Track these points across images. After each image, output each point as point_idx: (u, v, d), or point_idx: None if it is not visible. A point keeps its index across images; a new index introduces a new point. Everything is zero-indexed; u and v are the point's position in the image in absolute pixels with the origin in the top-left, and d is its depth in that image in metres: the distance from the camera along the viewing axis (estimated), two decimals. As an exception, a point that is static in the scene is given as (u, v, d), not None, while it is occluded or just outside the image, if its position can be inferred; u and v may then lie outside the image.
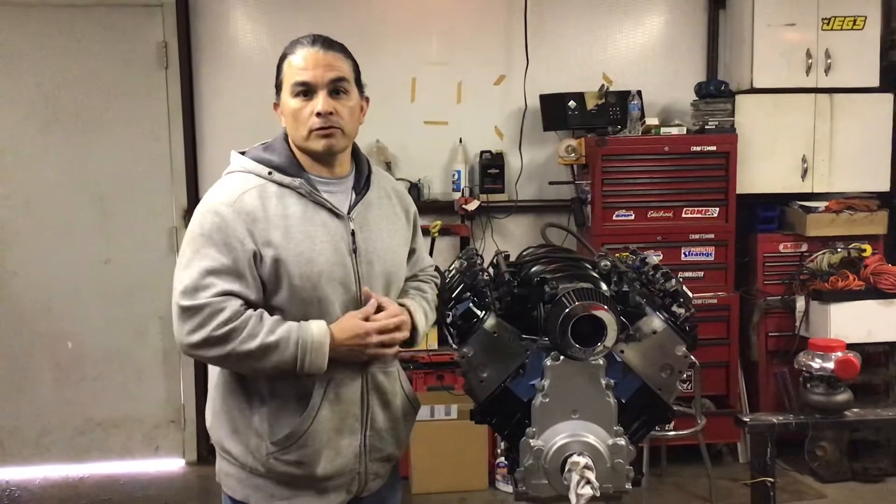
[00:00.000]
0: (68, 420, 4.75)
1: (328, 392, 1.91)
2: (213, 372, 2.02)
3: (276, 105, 1.99)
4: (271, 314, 1.86)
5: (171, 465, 4.82)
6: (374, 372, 2.00)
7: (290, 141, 1.98)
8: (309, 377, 1.88)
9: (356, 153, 2.06)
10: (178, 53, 4.62)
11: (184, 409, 4.84)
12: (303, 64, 1.89)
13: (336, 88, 1.91)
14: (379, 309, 1.93)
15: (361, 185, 2.03)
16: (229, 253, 1.83)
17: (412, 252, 2.19)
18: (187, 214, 4.70)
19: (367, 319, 1.90)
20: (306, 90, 1.89)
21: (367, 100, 2.04)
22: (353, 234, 1.95)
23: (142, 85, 4.65)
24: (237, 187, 1.89)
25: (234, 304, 1.81)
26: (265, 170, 1.92)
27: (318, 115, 1.88)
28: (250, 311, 1.82)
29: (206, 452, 4.82)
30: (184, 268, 1.84)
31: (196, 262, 1.83)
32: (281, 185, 1.91)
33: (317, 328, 1.84)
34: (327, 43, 1.93)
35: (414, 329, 2.02)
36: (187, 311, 1.80)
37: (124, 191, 4.69)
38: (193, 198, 4.71)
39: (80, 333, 4.73)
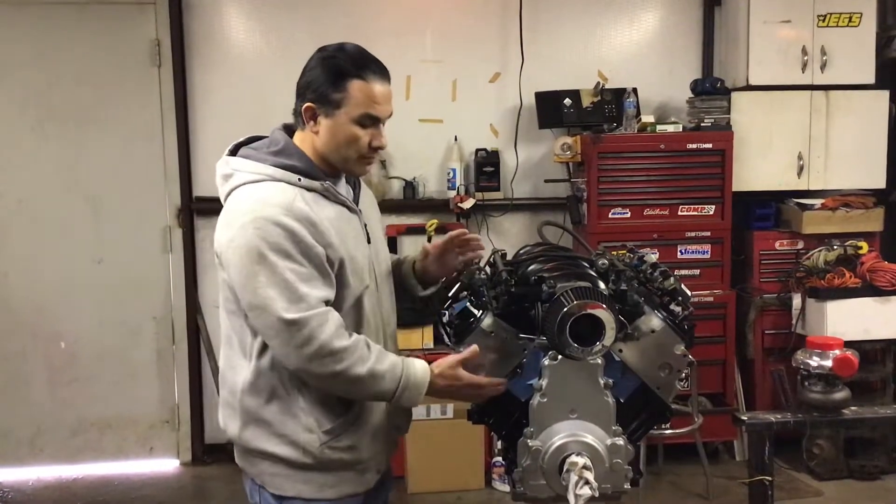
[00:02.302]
0: (62, 421, 4.72)
1: None
2: (236, 384, 1.96)
3: (314, 110, 1.92)
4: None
5: (166, 465, 4.80)
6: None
7: (315, 148, 1.96)
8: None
9: None
10: (171, 51, 4.59)
11: (178, 410, 4.81)
12: (379, 99, 1.91)
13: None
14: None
15: (354, 182, 2.09)
16: (305, 259, 1.83)
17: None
18: (181, 213, 4.68)
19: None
20: (372, 122, 1.93)
21: None
22: (365, 227, 2.03)
23: (135, 83, 4.63)
24: (283, 196, 1.87)
25: (335, 316, 1.84)
26: (294, 177, 1.91)
27: (378, 148, 1.96)
28: (356, 336, 1.86)
29: (200, 453, 4.80)
30: (267, 286, 1.80)
31: (279, 276, 1.80)
32: (310, 189, 1.92)
33: (420, 368, 1.89)
34: (388, 75, 1.95)
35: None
36: (294, 325, 1.79)
37: (117, 190, 4.67)
38: (187, 196, 4.68)
39: (73, 333, 4.70)
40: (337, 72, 1.90)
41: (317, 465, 1.94)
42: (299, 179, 1.90)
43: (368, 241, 2.02)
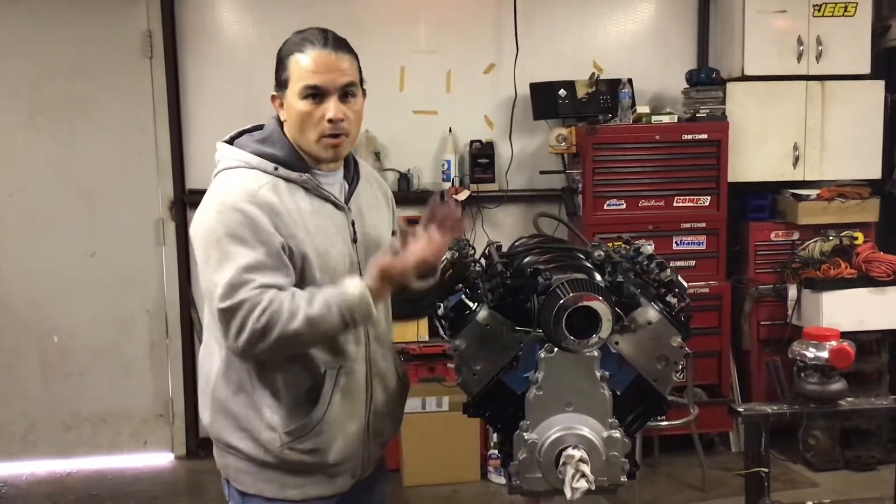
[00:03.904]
0: (55, 415, 4.70)
1: (339, 379, 1.92)
2: (210, 371, 1.97)
3: (275, 97, 1.95)
4: None
5: (160, 459, 4.78)
6: (376, 358, 2.02)
7: (288, 135, 1.95)
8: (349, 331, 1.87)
9: None
10: (163, 43, 4.56)
11: (172, 403, 4.79)
12: (314, 67, 1.87)
13: (345, 92, 1.90)
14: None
15: (351, 176, 2.04)
16: (261, 247, 1.80)
17: (393, 234, 2.19)
18: (174, 206, 4.66)
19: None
20: (316, 94, 1.87)
21: (365, 95, 2.02)
22: (352, 224, 1.97)
23: (126, 75, 4.59)
24: (251, 183, 1.86)
25: (271, 293, 1.77)
26: (270, 165, 1.89)
27: (330, 121, 1.87)
28: (281, 294, 1.78)
29: (194, 447, 4.79)
30: (216, 271, 1.79)
31: (228, 263, 1.78)
32: (287, 180, 1.89)
33: (353, 287, 1.81)
34: (337, 43, 1.91)
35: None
36: (228, 313, 1.77)
37: (110, 182, 4.64)
38: (180, 189, 4.66)
39: (66, 328, 4.68)
40: (283, 54, 1.92)
41: (279, 464, 1.91)
42: (276, 168, 1.89)
43: (354, 241, 1.96)
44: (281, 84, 1.92)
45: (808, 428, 4.33)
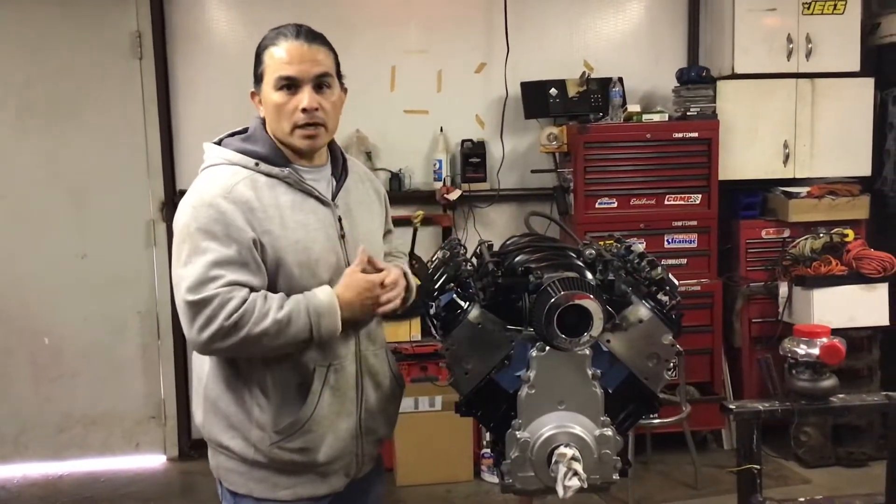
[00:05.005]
0: (47, 417, 4.68)
1: (328, 377, 1.92)
2: (202, 370, 1.97)
3: (254, 94, 1.97)
4: None
5: (152, 461, 4.76)
6: (367, 355, 2.01)
7: (269, 131, 1.96)
8: (321, 347, 1.89)
9: (330, 141, 2.05)
10: (152, 43, 4.54)
11: (164, 405, 4.77)
12: (287, 58, 1.88)
13: (320, 83, 1.90)
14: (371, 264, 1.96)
15: (340, 172, 2.05)
16: (231, 244, 1.81)
17: (388, 233, 2.23)
18: (164, 207, 4.64)
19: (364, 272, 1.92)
20: (290, 84, 1.88)
21: (346, 90, 2.03)
22: (339, 220, 1.96)
23: (116, 76, 4.57)
24: (228, 179, 1.87)
25: (242, 293, 1.79)
26: (251, 161, 1.90)
27: (304, 111, 1.88)
28: (255, 294, 1.80)
29: (187, 448, 4.77)
30: (185, 265, 1.81)
31: (198, 258, 1.80)
32: (269, 175, 1.90)
33: (323, 293, 1.85)
34: (311, 35, 1.91)
35: (408, 289, 2.05)
36: (196, 306, 1.78)
37: (100, 184, 4.62)
38: (171, 190, 4.64)
39: (57, 329, 4.66)
40: (259, 49, 1.94)
41: (269, 464, 1.91)
42: (256, 164, 1.90)
43: (342, 237, 1.96)
44: (258, 79, 1.94)
45: (800, 425, 4.35)
